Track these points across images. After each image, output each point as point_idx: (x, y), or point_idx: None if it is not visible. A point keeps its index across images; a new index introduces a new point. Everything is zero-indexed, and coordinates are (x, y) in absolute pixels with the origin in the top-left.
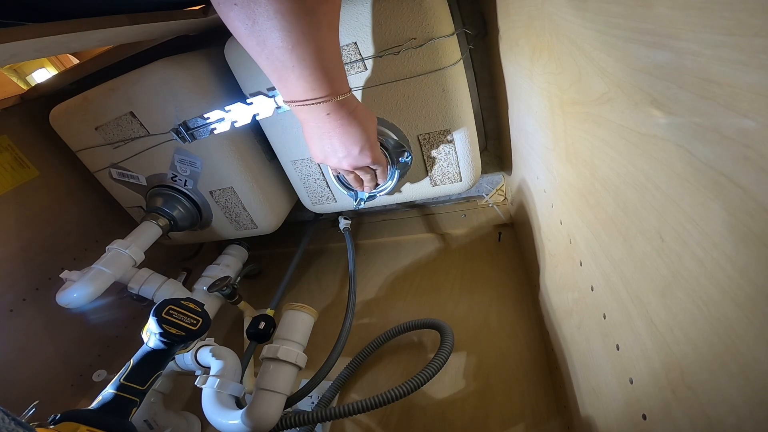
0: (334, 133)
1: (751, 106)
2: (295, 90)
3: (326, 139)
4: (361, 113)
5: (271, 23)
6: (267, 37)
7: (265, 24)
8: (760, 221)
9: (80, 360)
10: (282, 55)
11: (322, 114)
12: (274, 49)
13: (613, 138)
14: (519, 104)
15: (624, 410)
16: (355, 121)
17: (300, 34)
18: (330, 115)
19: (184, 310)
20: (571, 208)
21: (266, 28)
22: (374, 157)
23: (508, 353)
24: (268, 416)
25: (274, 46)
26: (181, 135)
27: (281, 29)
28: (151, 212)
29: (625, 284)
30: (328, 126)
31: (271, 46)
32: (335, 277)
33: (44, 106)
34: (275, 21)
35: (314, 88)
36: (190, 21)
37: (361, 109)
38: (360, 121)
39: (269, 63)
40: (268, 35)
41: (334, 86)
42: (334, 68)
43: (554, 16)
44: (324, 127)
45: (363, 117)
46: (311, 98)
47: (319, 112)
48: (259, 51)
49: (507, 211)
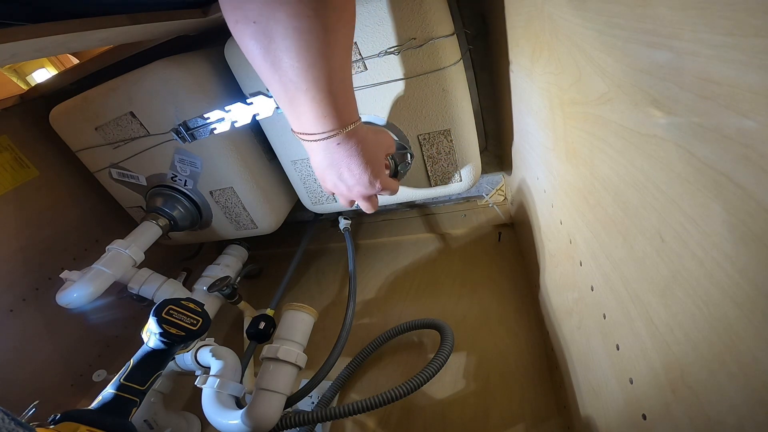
0: (342, 163)
1: (751, 106)
2: (306, 116)
3: (334, 169)
4: (370, 141)
5: (288, 42)
6: (282, 56)
7: (282, 43)
8: (760, 221)
9: (80, 360)
10: (296, 77)
11: (332, 144)
12: (288, 69)
13: (613, 138)
14: (519, 104)
15: (624, 410)
16: (363, 150)
17: (317, 55)
18: (340, 146)
19: (184, 310)
20: (571, 208)
21: (283, 47)
22: (383, 184)
23: (508, 353)
24: (268, 416)
25: (288, 66)
26: (181, 135)
27: (298, 48)
28: (151, 212)
29: (625, 284)
30: (337, 156)
31: (285, 66)
32: (335, 277)
33: (44, 106)
34: (293, 40)
35: (326, 114)
36: (190, 21)
37: (370, 137)
38: (369, 149)
39: (281, 86)
40: (283, 54)
41: (344, 114)
42: (346, 95)
43: (554, 16)
44: (333, 157)
45: (372, 145)
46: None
47: (329, 143)
48: (273, 72)
49: (507, 211)
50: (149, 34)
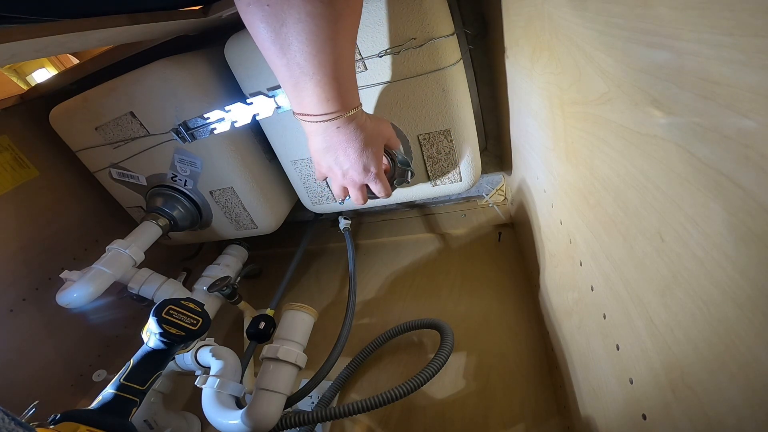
0: (340, 147)
1: (751, 106)
2: (310, 100)
3: (332, 152)
4: (369, 128)
5: (300, 26)
6: (292, 41)
7: (294, 27)
8: (761, 221)
9: (80, 360)
10: (303, 61)
11: (332, 128)
12: (296, 54)
13: (613, 138)
14: (519, 104)
15: (624, 410)
16: (362, 135)
17: (326, 40)
18: (339, 129)
19: (184, 310)
20: (571, 208)
21: (294, 31)
22: (378, 175)
23: (508, 353)
24: (268, 416)
25: (297, 50)
26: (181, 135)
27: (308, 33)
28: (151, 212)
29: (625, 284)
30: (336, 140)
31: (294, 50)
32: (335, 277)
33: (44, 106)
34: (304, 24)
35: (329, 98)
36: (190, 21)
37: (369, 124)
38: (367, 135)
39: (288, 70)
40: (293, 39)
41: (346, 99)
42: (349, 80)
43: (554, 16)
44: (331, 140)
45: (371, 131)
46: (324, 112)
47: (329, 126)
48: (280, 56)
49: (507, 211)
50: (149, 34)
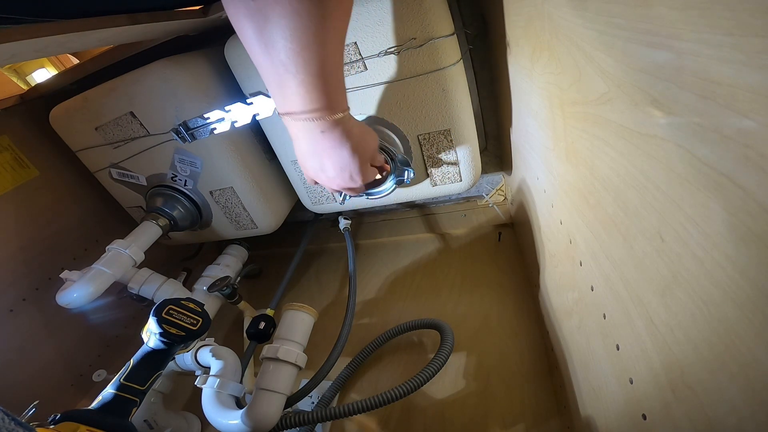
0: (325, 153)
1: (751, 106)
2: (293, 99)
3: (317, 158)
4: (356, 135)
5: (284, 22)
6: (277, 38)
7: (278, 23)
8: (761, 221)
9: (80, 360)
10: (287, 59)
11: (316, 131)
12: (280, 51)
13: (613, 138)
14: (519, 104)
15: (624, 410)
16: (349, 143)
17: (311, 37)
18: (324, 134)
19: (184, 310)
20: (571, 208)
21: (278, 27)
22: (364, 180)
23: (508, 353)
24: (268, 416)
25: (281, 47)
26: (181, 135)
27: (293, 29)
28: (151, 212)
29: (625, 284)
30: (320, 146)
31: (278, 47)
32: (335, 277)
33: (44, 106)
34: (289, 20)
35: (313, 99)
36: (190, 21)
37: (356, 131)
38: (354, 143)
39: (271, 67)
40: (278, 36)
41: (332, 102)
42: (336, 82)
43: (554, 16)
44: (317, 146)
45: (358, 138)
46: (307, 109)
47: (313, 129)
48: (264, 53)
49: (507, 211)
50: (149, 34)
